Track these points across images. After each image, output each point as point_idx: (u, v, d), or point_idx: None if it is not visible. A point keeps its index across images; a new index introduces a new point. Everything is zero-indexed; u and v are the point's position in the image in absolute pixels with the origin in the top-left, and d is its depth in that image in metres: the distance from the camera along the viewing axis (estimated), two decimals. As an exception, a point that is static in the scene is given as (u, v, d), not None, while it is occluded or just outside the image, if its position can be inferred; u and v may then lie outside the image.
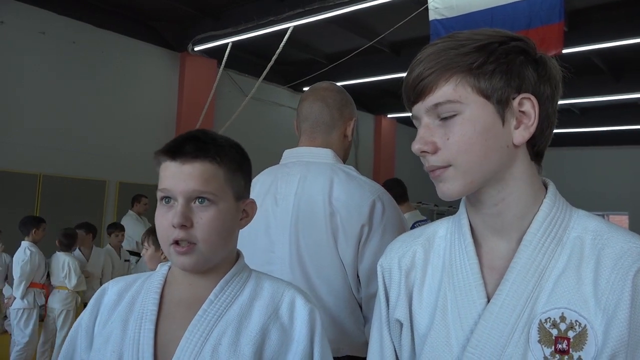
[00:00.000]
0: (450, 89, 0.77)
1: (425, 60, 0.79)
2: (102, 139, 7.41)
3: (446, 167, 0.78)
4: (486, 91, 0.76)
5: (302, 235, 1.48)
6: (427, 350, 0.82)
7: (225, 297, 0.98)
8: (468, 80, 0.76)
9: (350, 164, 1.65)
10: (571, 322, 0.73)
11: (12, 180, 6.53)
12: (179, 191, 0.93)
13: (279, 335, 0.96)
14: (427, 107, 0.79)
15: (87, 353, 1.00)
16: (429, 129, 0.79)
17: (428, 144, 0.78)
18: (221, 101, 8.57)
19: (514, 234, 0.81)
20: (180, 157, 0.94)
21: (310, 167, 1.55)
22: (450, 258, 0.85)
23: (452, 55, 0.77)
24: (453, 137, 0.77)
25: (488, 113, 0.77)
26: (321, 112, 1.61)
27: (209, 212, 0.93)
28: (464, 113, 0.77)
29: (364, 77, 9.01)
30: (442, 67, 0.77)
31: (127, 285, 1.05)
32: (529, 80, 0.78)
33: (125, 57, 7.75)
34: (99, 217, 7.27)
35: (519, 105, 0.78)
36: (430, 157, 0.79)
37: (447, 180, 0.79)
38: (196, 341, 0.92)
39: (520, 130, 0.78)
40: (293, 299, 1.00)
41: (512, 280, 0.77)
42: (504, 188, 0.80)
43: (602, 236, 0.77)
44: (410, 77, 0.80)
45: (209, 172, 0.94)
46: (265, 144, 8.84)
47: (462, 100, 0.76)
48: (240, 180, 1.01)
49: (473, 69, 0.76)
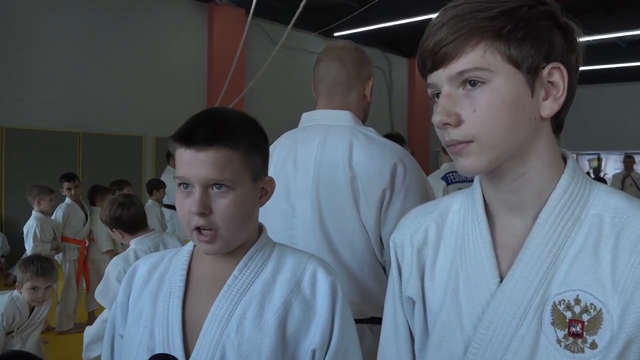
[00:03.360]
0: (478, 56, 0.70)
1: (449, 24, 0.71)
2: (136, 95, 7.52)
3: (468, 143, 0.72)
4: (517, 59, 0.70)
5: (324, 200, 1.47)
6: (439, 328, 0.81)
7: (249, 273, 0.99)
8: (497, 46, 0.70)
9: (384, 110, 1.61)
10: (586, 305, 0.70)
11: (55, 138, 6.74)
12: (195, 179, 0.93)
13: (301, 309, 0.97)
14: (449, 75, 0.72)
15: (123, 327, 1.05)
16: (452, 99, 0.73)
17: (451, 116, 0.72)
18: (251, 51, 8.49)
19: (530, 211, 0.77)
20: (194, 145, 0.93)
21: (329, 131, 1.52)
22: (463, 235, 0.82)
23: (480, 18, 0.70)
24: (480, 109, 0.71)
25: (518, 83, 0.71)
26: (338, 73, 1.56)
27: (227, 198, 0.94)
28: (492, 82, 0.71)
29: (397, 19, 8.73)
30: (469, 31, 0.70)
31: (157, 262, 1.08)
32: (558, 49, 0.72)
33: (153, 10, 7.72)
34: (137, 172, 7.47)
35: (548, 75, 0.73)
36: (452, 130, 0.73)
37: (470, 156, 0.73)
38: (222, 316, 0.95)
39: (548, 102, 0.73)
40: (315, 272, 1.01)
41: (526, 260, 0.74)
42: (526, 163, 0.75)
43: (622, 214, 0.73)
44: (429, 42, 0.73)
45: (224, 159, 0.93)
46: (297, 93, 8.78)
47: (492, 68, 0.70)
48: (256, 160, 1.00)
49: (503, 34, 0.70)
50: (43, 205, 4.43)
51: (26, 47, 6.51)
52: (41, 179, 5.78)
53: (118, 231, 2.57)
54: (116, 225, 2.56)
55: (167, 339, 0.96)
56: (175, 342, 0.95)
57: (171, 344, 0.95)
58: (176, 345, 0.95)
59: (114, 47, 7.29)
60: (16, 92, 6.46)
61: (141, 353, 0.96)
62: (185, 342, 0.95)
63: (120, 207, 2.55)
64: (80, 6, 7.00)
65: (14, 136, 6.47)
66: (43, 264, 2.90)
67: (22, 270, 2.85)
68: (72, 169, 6.45)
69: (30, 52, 6.54)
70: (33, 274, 2.82)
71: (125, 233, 2.57)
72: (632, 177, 8.35)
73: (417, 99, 12.14)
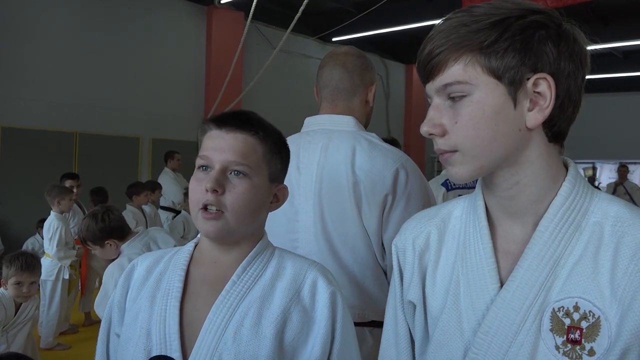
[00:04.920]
0: (459, 69, 0.73)
1: (437, 38, 0.75)
2: (133, 96, 7.50)
3: (453, 152, 0.76)
4: (497, 71, 0.72)
5: (326, 204, 1.48)
6: (439, 333, 0.82)
7: (248, 278, 0.98)
8: (478, 59, 0.72)
9: (381, 116, 1.63)
10: (585, 313, 0.71)
11: (52, 138, 6.72)
12: (217, 159, 0.96)
13: (300, 318, 0.96)
14: (437, 87, 0.76)
15: (119, 327, 1.04)
16: (438, 110, 0.76)
17: (436, 127, 0.76)
18: (249, 55, 8.50)
19: (530, 218, 0.78)
20: (225, 126, 0.98)
21: (332, 136, 1.53)
22: (465, 240, 0.83)
23: (464, 32, 0.73)
24: (461, 121, 0.74)
25: (498, 95, 0.73)
26: (341, 78, 1.57)
27: (242, 184, 0.96)
28: (472, 95, 0.73)
29: (394, 26, 8.76)
30: (452, 46, 0.73)
31: (156, 261, 1.07)
32: (547, 58, 0.73)
33: (152, 12, 7.72)
34: (134, 173, 7.46)
35: (533, 86, 0.73)
36: (439, 139, 0.77)
37: (455, 164, 0.77)
38: (219, 323, 0.94)
39: (534, 113, 0.74)
40: (315, 281, 1.00)
41: (526, 267, 0.75)
42: (518, 172, 0.77)
43: (623, 223, 0.74)
44: (421, 54, 0.77)
45: (249, 145, 0.97)
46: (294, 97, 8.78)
47: (472, 81, 0.73)
48: (277, 163, 1.03)
49: (484, 47, 0.72)
50: (63, 206, 4.41)
51: (24, 47, 6.50)
52: (37, 179, 5.77)
53: (111, 241, 2.53)
54: (109, 235, 2.52)
55: (164, 340, 0.94)
56: (173, 344, 0.94)
57: (168, 346, 0.94)
58: (174, 347, 0.93)
59: (112, 48, 7.29)
60: (13, 92, 6.44)
61: (138, 354, 0.95)
62: (183, 344, 0.94)
63: (106, 216, 2.53)
64: (78, 7, 6.99)
65: (11, 136, 6.44)
66: (28, 259, 2.89)
67: (7, 266, 2.84)
68: (69, 169, 6.43)
69: (27, 52, 6.53)
70: (18, 269, 2.81)
71: (118, 241, 2.54)
72: (624, 187, 8.39)
73: (414, 105, 12.16)
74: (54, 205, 4.35)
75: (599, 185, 11.28)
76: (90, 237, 2.55)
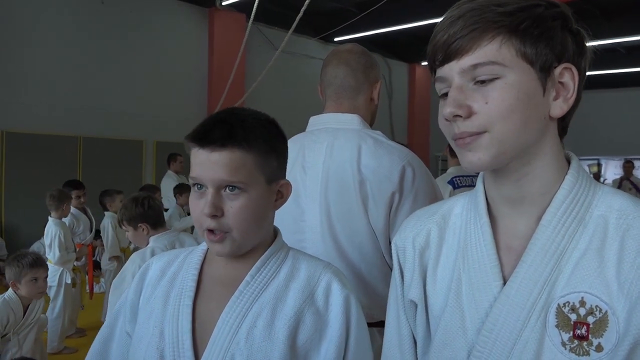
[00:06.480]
0: (493, 49, 0.70)
1: (465, 17, 0.71)
2: (136, 99, 7.52)
3: (480, 134, 0.72)
4: (531, 56, 0.71)
5: (333, 203, 1.47)
6: (441, 332, 0.80)
7: (262, 279, 0.97)
8: (513, 42, 0.71)
9: (384, 115, 1.62)
10: (591, 307, 0.70)
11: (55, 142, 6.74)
12: (208, 180, 0.92)
13: (313, 320, 0.95)
14: (462, 67, 0.72)
15: (131, 325, 1.03)
16: (463, 91, 0.72)
17: (462, 107, 0.71)
18: (252, 56, 8.50)
19: (534, 211, 0.76)
20: (208, 145, 0.92)
21: (338, 135, 1.52)
22: (466, 237, 0.82)
23: (497, 12, 0.70)
24: (493, 102, 0.71)
25: (531, 79, 0.71)
26: (346, 76, 1.56)
27: (239, 201, 0.92)
28: (506, 77, 0.71)
29: (396, 25, 8.75)
30: (486, 25, 0.70)
31: (170, 260, 1.06)
32: (570, 50, 0.73)
33: (153, 15, 7.74)
34: (138, 176, 7.47)
35: (559, 76, 0.73)
36: (463, 122, 0.72)
37: (478, 149, 0.72)
38: (232, 324, 0.93)
39: (559, 102, 0.74)
40: (329, 284, 0.99)
41: (529, 262, 0.73)
42: (530, 162, 0.76)
43: (627, 216, 0.73)
44: (442, 34, 0.73)
45: (237, 161, 0.92)
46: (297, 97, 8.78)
47: (506, 62, 0.70)
48: (272, 162, 0.98)
49: (520, 30, 0.70)
50: (61, 211, 4.40)
51: (27, 51, 6.52)
52: (41, 183, 5.78)
53: (144, 225, 2.57)
54: (142, 219, 2.56)
55: (176, 340, 0.94)
56: (185, 344, 0.93)
57: (181, 346, 0.94)
58: (186, 347, 0.93)
59: (114, 51, 7.30)
60: (17, 96, 6.46)
61: (150, 353, 0.95)
62: (195, 345, 0.94)
63: (146, 201, 2.58)
64: (81, 11, 7.01)
65: (14, 140, 6.47)
66: (33, 255, 2.91)
67: (17, 265, 2.82)
68: (72, 173, 6.46)
69: (30, 56, 6.55)
70: (30, 265, 2.81)
71: (150, 228, 2.58)
72: (630, 181, 8.35)
73: (417, 104, 12.14)
74: (53, 211, 4.38)
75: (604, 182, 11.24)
76: (126, 217, 2.59)
